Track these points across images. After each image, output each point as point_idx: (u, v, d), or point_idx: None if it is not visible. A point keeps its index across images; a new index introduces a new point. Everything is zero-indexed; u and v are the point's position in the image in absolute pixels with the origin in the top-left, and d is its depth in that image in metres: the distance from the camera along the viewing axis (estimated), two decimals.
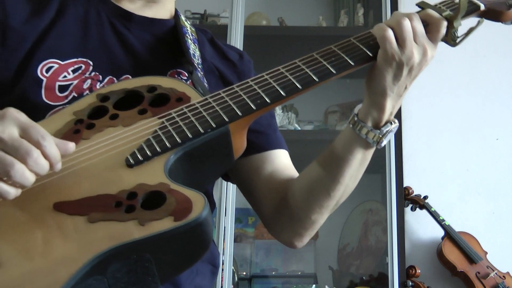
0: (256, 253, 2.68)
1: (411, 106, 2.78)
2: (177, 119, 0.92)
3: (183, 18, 1.22)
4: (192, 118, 0.91)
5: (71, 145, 0.83)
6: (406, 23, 0.94)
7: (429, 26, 0.96)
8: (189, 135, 0.89)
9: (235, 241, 2.43)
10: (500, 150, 2.78)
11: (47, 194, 0.83)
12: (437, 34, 0.96)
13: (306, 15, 3.01)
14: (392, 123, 1.00)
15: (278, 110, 2.76)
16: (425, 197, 2.62)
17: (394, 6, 2.66)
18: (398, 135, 2.53)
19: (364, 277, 2.52)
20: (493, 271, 2.50)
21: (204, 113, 0.92)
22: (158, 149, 0.87)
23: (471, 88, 2.85)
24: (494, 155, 2.77)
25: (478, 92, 2.85)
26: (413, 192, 2.63)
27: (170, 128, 0.90)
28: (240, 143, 0.98)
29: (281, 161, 1.20)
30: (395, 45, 0.93)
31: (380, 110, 0.98)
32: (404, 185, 2.58)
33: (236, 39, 2.54)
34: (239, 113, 0.92)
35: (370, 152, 1.03)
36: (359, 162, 1.03)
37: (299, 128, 2.76)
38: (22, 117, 0.80)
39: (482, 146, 2.78)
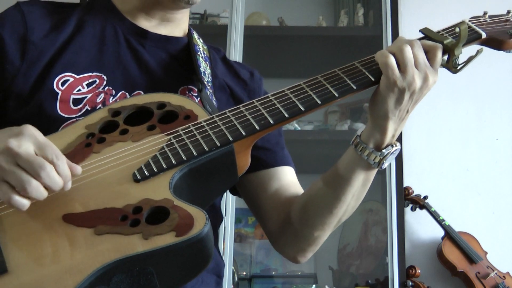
0: (256, 253, 2.68)
1: None
2: (184, 136, 0.95)
3: (195, 36, 1.25)
4: (198, 136, 0.95)
5: (79, 169, 0.88)
6: (408, 49, 0.96)
7: (428, 53, 0.98)
8: (194, 153, 0.92)
9: (235, 241, 2.44)
10: (500, 150, 2.78)
11: (57, 205, 0.87)
12: (434, 60, 0.98)
13: (306, 15, 3.01)
14: (394, 146, 1.02)
15: None
16: (425, 197, 2.62)
17: (394, 6, 2.66)
18: (398, 135, 2.52)
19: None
20: (493, 271, 2.50)
21: (210, 132, 0.95)
22: (164, 165, 0.91)
23: (471, 88, 2.84)
24: (494, 155, 2.78)
25: (478, 92, 2.85)
26: (413, 192, 2.63)
27: (176, 145, 0.94)
28: (244, 161, 1.00)
29: (287, 178, 1.22)
30: (397, 72, 0.95)
31: (382, 132, 1.00)
32: (404, 185, 2.58)
33: (236, 39, 2.54)
34: (243, 133, 0.95)
35: (373, 173, 1.06)
36: (361, 182, 1.06)
37: (299, 128, 2.76)
38: (39, 135, 0.85)
39: (482, 146, 2.78)
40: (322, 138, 2.68)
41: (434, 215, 2.58)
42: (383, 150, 1.01)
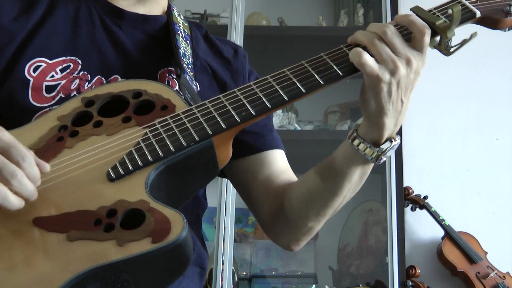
0: (256, 253, 2.68)
1: (411, 106, 2.76)
2: (161, 130, 0.89)
3: (175, 13, 1.19)
4: (176, 130, 0.89)
5: (47, 167, 0.82)
6: (377, 41, 0.90)
7: (413, 35, 0.91)
8: (172, 148, 0.87)
9: (235, 241, 2.43)
10: (500, 150, 2.78)
11: (27, 208, 0.80)
12: (421, 43, 0.91)
13: (306, 15, 3.01)
14: (393, 140, 0.95)
15: (278, 110, 2.76)
16: (425, 197, 2.62)
17: (394, 6, 2.66)
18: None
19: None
20: (493, 271, 2.50)
21: (188, 125, 0.89)
22: (140, 163, 0.85)
23: (471, 88, 2.84)
24: (494, 155, 2.77)
25: (478, 92, 2.84)
26: (413, 192, 2.63)
27: (153, 140, 0.88)
28: (225, 154, 0.95)
29: (278, 163, 1.17)
30: (376, 67, 0.89)
31: (380, 129, 0.94)
32: (404, 185, 2.58)
33: (236, 39, 2.54)
34: (223, 126, 0.89)
35: (370, 166, 1.00)
36: (358, 176, 1.01)
37: (299, 128, 2.76)
38: (5, 136, 0.78)
39: (482, 146, 2.78)
40: (322, 138, 2.68)
41: (434, 215, 2.58)
42: (382, 146, 0.94)
